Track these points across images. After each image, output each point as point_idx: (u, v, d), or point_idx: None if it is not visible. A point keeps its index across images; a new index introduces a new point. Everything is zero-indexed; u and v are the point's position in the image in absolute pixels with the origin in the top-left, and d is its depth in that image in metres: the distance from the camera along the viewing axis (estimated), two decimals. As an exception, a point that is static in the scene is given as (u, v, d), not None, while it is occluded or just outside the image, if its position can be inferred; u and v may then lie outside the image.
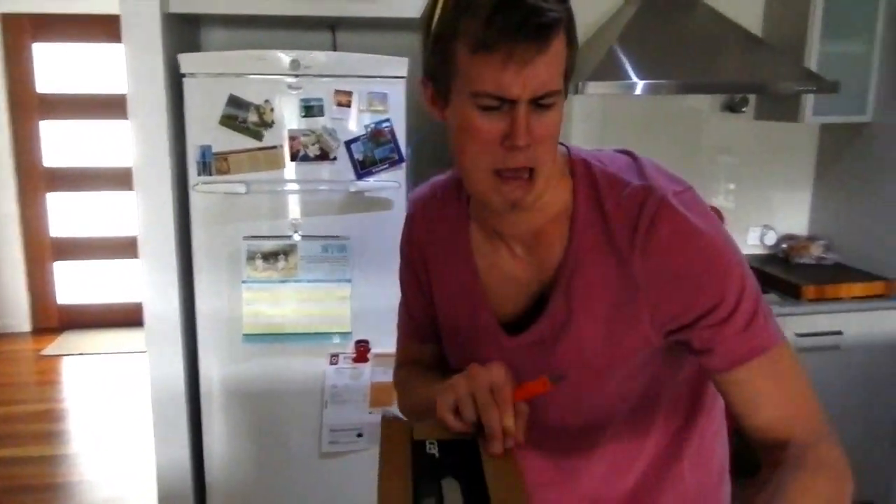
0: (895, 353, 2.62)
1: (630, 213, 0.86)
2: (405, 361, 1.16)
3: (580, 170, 0.92)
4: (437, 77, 0.86)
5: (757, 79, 2.50)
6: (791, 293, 2.59)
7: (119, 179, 4.77)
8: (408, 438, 0.80)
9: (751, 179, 3.03)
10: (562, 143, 0.93)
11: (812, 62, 2.65)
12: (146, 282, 2.05)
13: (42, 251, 4.80)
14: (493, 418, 0.79)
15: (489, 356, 0.92)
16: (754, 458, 0.91)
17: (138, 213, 2.03)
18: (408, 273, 1.10)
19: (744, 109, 2.95)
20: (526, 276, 0.96)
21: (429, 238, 1.05)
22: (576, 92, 2.36)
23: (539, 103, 0.80)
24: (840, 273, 2.75)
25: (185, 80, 1.97)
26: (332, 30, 2.59)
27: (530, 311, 0.96)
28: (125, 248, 4.88)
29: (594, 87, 2.33)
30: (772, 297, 2.57)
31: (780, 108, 2.83)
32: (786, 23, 2.80)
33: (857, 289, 2.60)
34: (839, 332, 2.55)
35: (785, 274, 2.73)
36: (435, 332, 1.08)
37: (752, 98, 2.95)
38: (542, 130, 0.81)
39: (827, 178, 3.05)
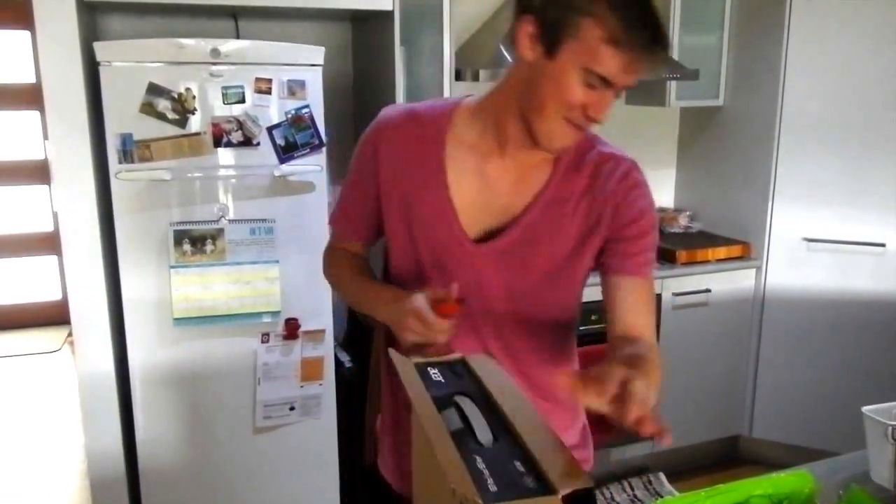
0: (753, 305, 3.02)
1: (611, 171, 1.18)
2: (338, 244, 1.36)
3: None
4: (547, 27, 1.02)
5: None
6: (667, 258, 2.92)
7: (30, 173, 4.53)
8: (413, 370, 0.94)
9: (626, 158, 3.35)
10: None
11: (674, 52, 2.98)
12: (70, 274, 2.03)
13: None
14: (428, 336, 1.06)
15: (456, 263, 1.18)
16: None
17: (59, 204, 2.01)
18: (362, 174, 1.24)
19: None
20: (506, 194, 1.18)
21: (397, 158, 1.20)
22: (475, 79, 2.55)
23: (618, 91, 1.04)
24: (705, 239, 3.12)
25: (100, 68, 1.96)
26: (234, 18, 2.63)
27: (500, 226, 1.18)
28: (39, 244, 4.64)
29: (485, 75, 2.55)
30: (650, 262, 2.88)
31: (649, 93, 3.16)
32: (650, 16, 3.11)
33: (721, 252, 2.98)
34: (708, 290, 2.91)
35: (659, 242, 3.06)
36: (366, 232, 1.28)
37: (624, 85, 3.26)
38: (609, 109, 1.06)
39: (687, 156, 3.43)
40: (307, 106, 2.12)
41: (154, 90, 1.99)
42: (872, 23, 2.73)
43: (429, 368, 0.96)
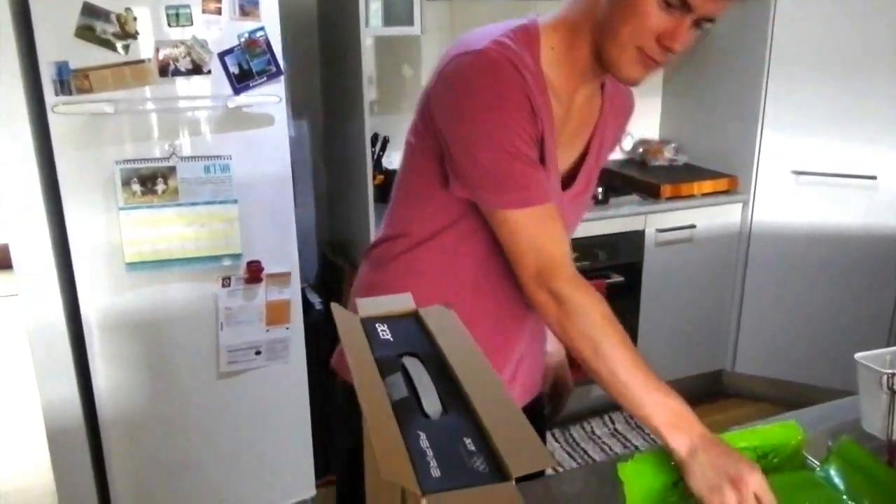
0: (739, 240, 2.92)
1: (623, 93, 1.19)
2: (556, 240, 1.01)
3: None
4: None
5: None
6: (650, 193, 2.81)
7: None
8: (359, 327, 0.83)
9: (609, 88, 3.19)
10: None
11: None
12: (8, 220, 1.88)
13: None
14: None
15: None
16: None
17: (-9, 140, 1.84)
18: (524, 126, 0.98)
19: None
20: (578, 132, 1.10)
21: (535, 100, 0.99)
22: None
23: (699, 23, 0.94)
24: (690, 173, 3.00)
25: (28, -13, 1.77)
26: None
27: (571, 169, 1.11)
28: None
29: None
30: (633, 197, 2.77)
31: (634, 17, 2.98)
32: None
33: (707, 186, 2.86)
34: (693, 226, 2.81)
35: (643, 176, 2.94)
36: None
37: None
38: (687, 43, 0.95)
39: (673, 85, 3.27)
40: (262, 28, 1.94)
41: (90, 11, 1.81)
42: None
43: (377, 325, 0.84)
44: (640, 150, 3.20)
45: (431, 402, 0.67)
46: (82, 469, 2.08)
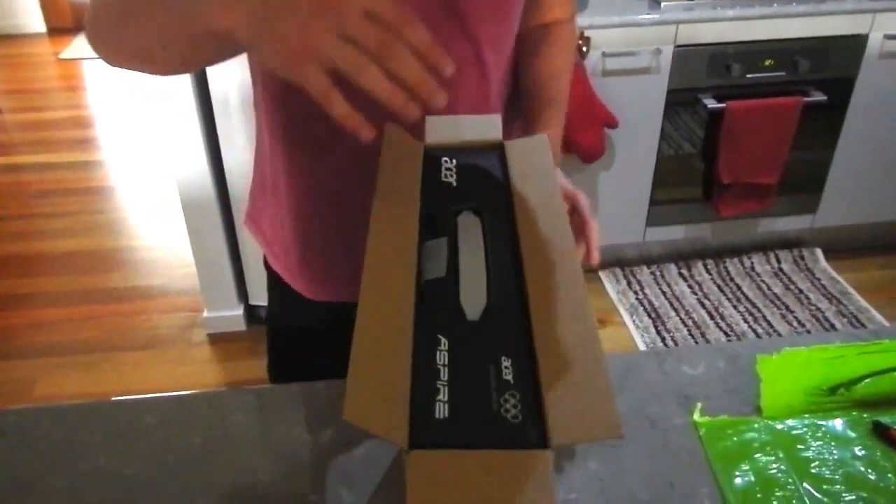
0: None
1: None
2: None
3: None
4: None
5: None
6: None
7: None
8: (417, 161, 0.61)
9: None
10: None
11: None
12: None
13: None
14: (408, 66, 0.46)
15: None
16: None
17: None
18: None
19: None
20: None
21: None
22: None
23: None
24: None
25: None
26: None
27: None
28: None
29: None
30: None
31: None
32: None
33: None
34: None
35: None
36: None
37: None
38: None
39: None
40: None
41: None
42: None
43: (444, 158, 0.62)
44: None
45: (474, 295, 0.47)
46: (215, 235, 2.11)
